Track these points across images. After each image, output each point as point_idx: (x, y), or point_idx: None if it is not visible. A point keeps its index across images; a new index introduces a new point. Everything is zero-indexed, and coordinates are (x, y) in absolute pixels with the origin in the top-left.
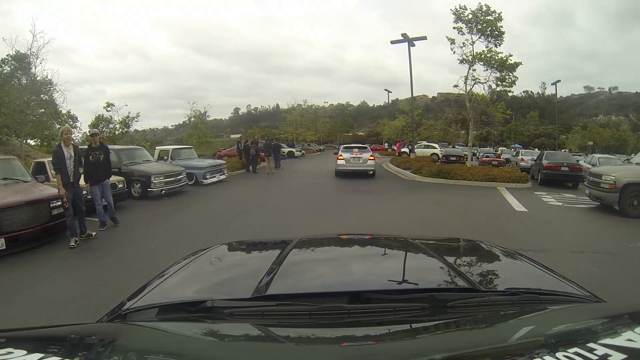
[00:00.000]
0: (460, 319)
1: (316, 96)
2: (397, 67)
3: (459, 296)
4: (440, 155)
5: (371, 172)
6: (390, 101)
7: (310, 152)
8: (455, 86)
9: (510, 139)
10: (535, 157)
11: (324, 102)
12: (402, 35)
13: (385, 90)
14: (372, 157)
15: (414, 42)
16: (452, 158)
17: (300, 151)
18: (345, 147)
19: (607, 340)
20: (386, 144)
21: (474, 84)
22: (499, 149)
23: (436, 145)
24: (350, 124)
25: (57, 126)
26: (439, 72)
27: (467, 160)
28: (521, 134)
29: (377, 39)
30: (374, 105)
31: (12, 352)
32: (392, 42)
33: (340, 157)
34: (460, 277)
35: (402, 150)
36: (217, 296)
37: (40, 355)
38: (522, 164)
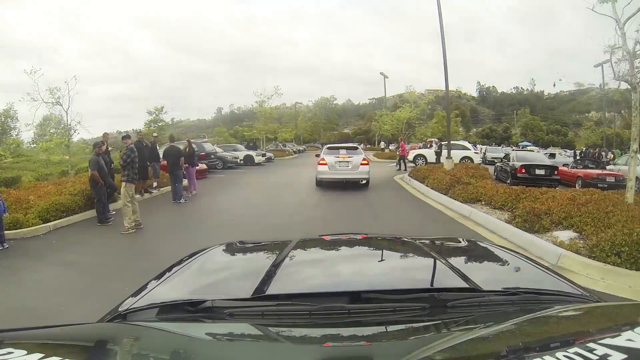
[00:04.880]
0: (460, 319)
1: (300, 95)
2: (382, 65)
3: (458, 296)
4: (514, 166)
5: (363, 182)
6: (385, 88)
7: (283, 154)
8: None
9: (525, 135)
10: None
11: (308, 101)
12: None
13: (381, 74)
14: (366, 161)
15: None
16: (538, 172)
17: (263, 155)
18: (328, 148)
19: (607, 340)
20: (382, 143)
21: None
22: (532, 148)
23: (469, 146)
24: (335, 121)
25: None
26: (423, 71)
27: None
28: (540, 130)
29: (363, 38)
30: (359, 103)
31: (12, 352)
32: None
33: (321, 162)
34: (460, 277)
35: (417, 153)
36: (217, 296)
37: (40, 355)
38: None
